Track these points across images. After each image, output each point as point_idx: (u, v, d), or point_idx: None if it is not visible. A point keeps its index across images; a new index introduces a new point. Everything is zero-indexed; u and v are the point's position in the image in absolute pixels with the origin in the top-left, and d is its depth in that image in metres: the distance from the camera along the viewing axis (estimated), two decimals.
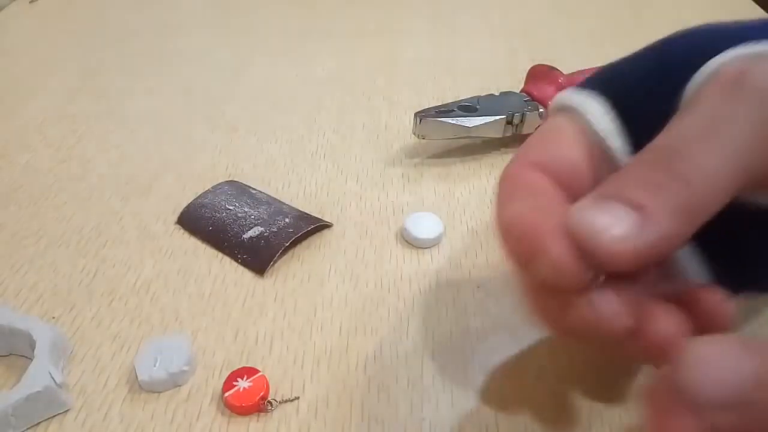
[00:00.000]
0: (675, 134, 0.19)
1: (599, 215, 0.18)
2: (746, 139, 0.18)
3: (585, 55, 0.55)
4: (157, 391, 0.28)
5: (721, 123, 0.18)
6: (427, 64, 0.56)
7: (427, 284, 0.33)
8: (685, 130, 0.19)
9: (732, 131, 0.18)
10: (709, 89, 0.20)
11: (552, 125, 0.23)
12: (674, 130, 0.19)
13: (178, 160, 0.43)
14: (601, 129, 0.22)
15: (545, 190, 0.21)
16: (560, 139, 0.22)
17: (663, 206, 0.17)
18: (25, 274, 0.34)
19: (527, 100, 0.43)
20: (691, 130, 0.19)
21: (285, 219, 0.36)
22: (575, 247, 0.18)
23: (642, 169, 0.18)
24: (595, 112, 0.22)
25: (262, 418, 0.27)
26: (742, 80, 0.19)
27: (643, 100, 0.21)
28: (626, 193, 0.18)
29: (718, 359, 0.16)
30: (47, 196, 0.40)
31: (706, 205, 0.18)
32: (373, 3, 0.69)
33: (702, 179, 0.17)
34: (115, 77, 0.55)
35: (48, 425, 0.26)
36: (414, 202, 0.39)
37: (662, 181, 0.18)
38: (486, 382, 0.28)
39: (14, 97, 0.51)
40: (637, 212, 0.17)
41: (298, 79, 0.54)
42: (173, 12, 0.69)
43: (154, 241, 0.36)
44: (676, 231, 0.17)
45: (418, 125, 0.41)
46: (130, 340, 0.30)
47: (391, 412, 0.27)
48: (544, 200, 0.21)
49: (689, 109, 0.19)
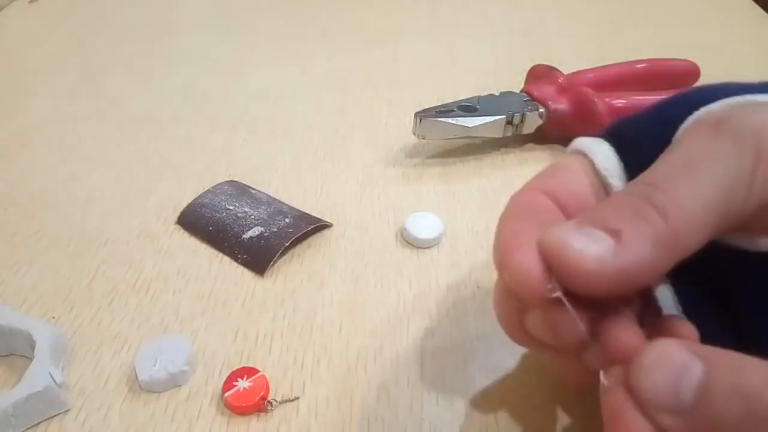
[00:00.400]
0: (657, 170, 0.20)
1: (575, 236, 0.18)
2: (723, 176, 0.18)
3: (585, 55, 0.55)
4: (157, 391, 0.28)
5: (700, 161, 0.19)
6: (427, 64, 0.56)
7: (427, 284, 0.33)
8: (667, 166, 0.20)
9: (710, 169, 0.19)
10: (692, 131, 0.21)
11: (561, 163, 0.24)
12: (657, 167, 0.20)
13: (178, 160, 0.43)
14: (603, 168, 0.23)
15: (546, 209, 0.22)
16: (567, 173, 0.24)
17: (639, 234, 0.18)
18: (25, 274, 0.34)
19: (527, 100, 0.43)
20: (672, 167, 0.19)
21: (285, 219, 0.36)
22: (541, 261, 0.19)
23: (623, 200, 0.19)
24: (599, 154, 0.23)
25: (262, 418, 0.27)
26: (723, 123, 0.20)
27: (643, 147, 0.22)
28: (605, 220, 0.18)
29: (668, 364, 0.16)
30: (47, 196, 0.40)
31: (683, 238, 0.18)
32: (373, 3, 0.69)
33: (679, 213, 0.18)
34: (115, 77, 0.55)
35: (48, 425, 0.26)
36: (414, 202, 0.39)
37: (640, 211, 0.18)
38: (486, 382, 0.28)
39: (14, 97, 0.51)
40: (613, 237, 0.18)
41: (298, 79, 0.54)
42: (173, 12, 0.69)
43: (154, 241, 0.36)
44: (650, 260, 0.18)
45: (418, 125, 0.41)
46: (130, 340, 0.30)
47: (391, 412, 0.27)
48: (541, 217, 0.22)
49: (672, 148, 0.20)
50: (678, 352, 0.17)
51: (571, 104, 0.42)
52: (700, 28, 0.62)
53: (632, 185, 0.20)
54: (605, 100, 0.41)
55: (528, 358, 0.29)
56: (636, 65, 0.48)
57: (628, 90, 0.45)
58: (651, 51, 0.52)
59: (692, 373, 0.16)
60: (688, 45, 0.57)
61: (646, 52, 0.51)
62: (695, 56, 0.49)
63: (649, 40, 0.60)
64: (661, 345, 0.17)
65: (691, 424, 0.16)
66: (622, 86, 0.46)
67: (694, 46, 0.56)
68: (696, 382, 0.16)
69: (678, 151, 0.20)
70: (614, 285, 0.17)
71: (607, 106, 0.41)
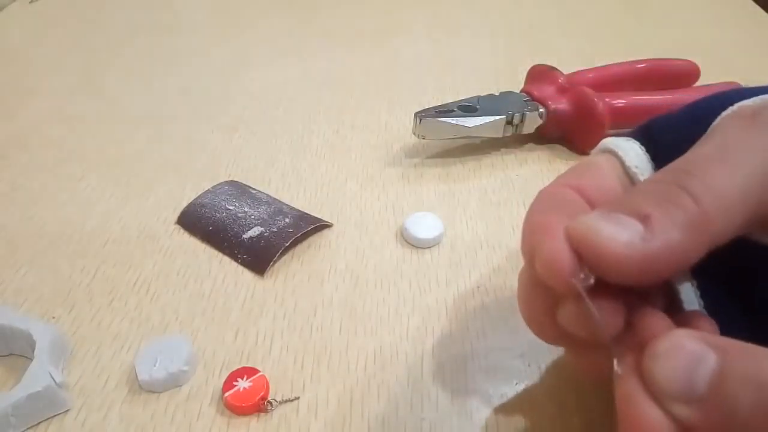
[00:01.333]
0: (689, 158, 0.19)
1: (605, 223, 0.18)
2: (757, 166, 0.18)
3: (585, 55, 0.55)
4: (157, 391, 0.28)
5: (734, 149, 0.19)
6: (427, 64, 0.56)
7: (427, 284, 0.33)
8: (700, 154, 0.19)
9: (744, 158, 0.18)
10: (727, 122, 0.20)
11: (590, 161, 0.24)
12: (689, 155, 0.20)
13: (178, 160, 0.43)
14: (633, 166, 0.23)
15: (574, 202, 0.22)
16: (596, 171, 0.23)
17: (670, 218, 0.17)
18: (25, 274, 0.34)
19: (527, 100, 0.43)
20: (705, 154, 0.19)
21: (285, 219, 0.36)
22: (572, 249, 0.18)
23: (653, 186, 0.19)
24: (629, 152, 0.23)
25: (262, 418, 0.27)
26: (759, 114, 0.19)
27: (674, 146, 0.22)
28: (635, 205, 0.18)
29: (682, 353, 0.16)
30: (47, 196, 0.40)
31: (715, 225, 0.18)
32: (373, 3, 0.69)
33: (711, 198, 0.18)
34: (115, 77, 0.55)
35: (48, 425, 0.26)
36: (414, 202, 0.39)
37: (671, 195, 0.18)
38: (486, 382, 0.28)
39: (14, 97, 0.51)
40: (642, 223, 0.17)
41: (297, 79, 0.54)
42: (173, 12, 0.69)
43: (154, 241, 0.36)
44: (681, 246, 0.17)
45: (418, 125, 0.41)
46: (130, 340, 0.30)
47: (391, 411, 0.27)
48: (569, 208, 0.21)
49: (706, 138, 0.20)
50: (692, 342, 0.17)
51: (571, 104, 0.42)
52: (700, 28, 0.62)
53: (663, 172, 0.19)
54: (605, 100, 0.41)
55: (528, 357, 0.29)
56: (636, 65, 0.48)
57: (628, 90, 0.45)
58: (651, 51, 0.52)
59: (706, 362, 0.16)
60: (688, 45, 0.57)
61: (646, 52, 0.51)
62: (695, 56, 0.49)
63: (649, 40, 0.60)
64: (675, 335, 0.17)
65: (704, 413, 0.16)
66: (622, 86, 0.46)
67: (694, 46, 0.56)
68: (710, 371, 0.16)
69: (712, 140, 0.20)
70: (644, 271, 0.17)
71: (607, 106, 0.41)
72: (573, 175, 0.24)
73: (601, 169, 0.23)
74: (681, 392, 0.16)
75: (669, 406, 0.16)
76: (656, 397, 0.16)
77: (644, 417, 0.16)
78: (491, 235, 0.36)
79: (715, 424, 0.16)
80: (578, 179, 0.23)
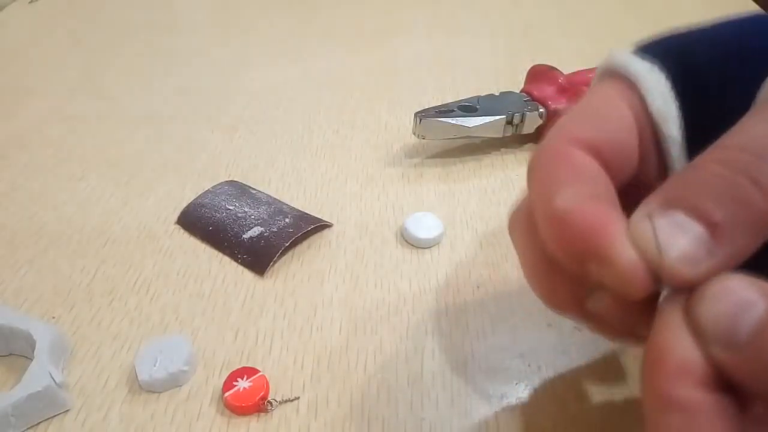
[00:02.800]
0: (753, 137, 0.16)
1: (666, 228, 0.16)
2: None
3: (585, 55, 0.55)
4: (157, 391, 0.28)
5: None
6: (427, 64, 0.56)
7: (427, 284, 0.33)
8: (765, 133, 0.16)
9: None
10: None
11: (601, 94, 0.21)
12: (751, 131, 0.16)
13: (178, 160, 0.43)
14: (657, 110, 0.19)
15: (598, 176, 0.19)
16: (609, 114, 0.20)
17: (739, 223, 0.16)
18: (25, 274, 0.34)
19: (527, 100, 0.43)
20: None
21: (285, 219, 0.36)
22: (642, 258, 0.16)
23: (714, 175, 0.16)
24: (655, 90, 0.19)
25: (262, 418, 0.27)
26: None
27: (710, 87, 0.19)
28: (696, 201, 0.16)
29: (731, 298, 0.15)
30: (47, 196, 0.40)
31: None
32: (373, 3, 0.69)
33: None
34: (115, 77, 0.55)
35: (48, 425, 0.26)
36: (414, 202, 0.39)
37: (740, 192, 0.16)
38: (486, 382, 0.28)
39: (14, 97, 0.51)
40: (709, 230, 0.16)
41: (298, 79, 0.54)
42: (173, 12, 0.69)
43: (154, 241, 0.36)
44: (746, 250, 0.16)
45: (418, 125, 0.41)
46: (130, 340, 0.30)
47: (391, 411, 0.27)
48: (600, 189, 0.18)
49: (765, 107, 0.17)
50: (744, 288, 0.15)
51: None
52: None
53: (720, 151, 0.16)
54: None
55: (528, 357, 0.29)
56: None
57: None
58: None
59: (754, 310, 0.15)
60: None
61: None
62: None
63: None
64: (729, 279, 0.16)
65: (741, 358, 0.15)
66: None
67: None
68: (756, 319, 0.15)
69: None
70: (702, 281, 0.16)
71: None
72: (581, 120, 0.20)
73: (616, 112, 0.20)
74: (722, 335, 0.15)
75: (707, 347, 0.15)
76: (696, 335, 0.15)
77: (677, 347, 0.15)
78: (491, 235, 0.36)
79: (749, 371, 0.15)
80: (588, 129, 0.19)
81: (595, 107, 0.20)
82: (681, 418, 0.15)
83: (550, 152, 0.19)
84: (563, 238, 0.18)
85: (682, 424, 0.15)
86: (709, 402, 0.15)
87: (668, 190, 0.17)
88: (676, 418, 0.15)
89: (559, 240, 0.18)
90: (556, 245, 0.18)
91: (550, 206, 0.18)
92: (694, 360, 0.15)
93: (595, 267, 0.17)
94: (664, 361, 0.16)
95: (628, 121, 0.20)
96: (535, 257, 0.21)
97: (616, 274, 0.17)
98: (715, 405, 0.15)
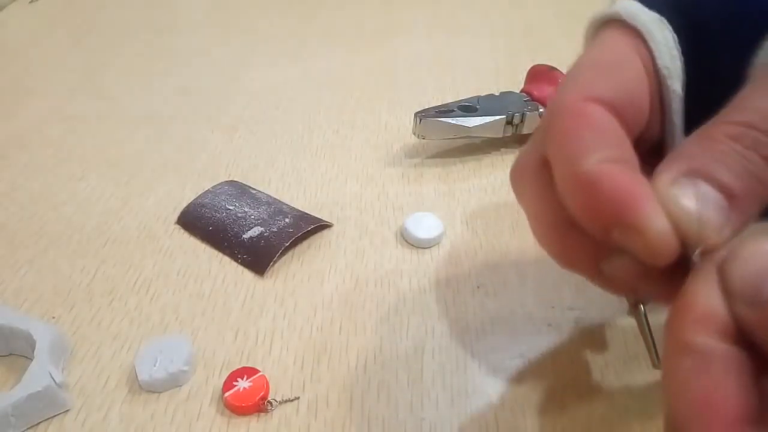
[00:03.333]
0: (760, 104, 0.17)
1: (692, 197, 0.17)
2: None
3: None
4: (157, 391, 0.28)
5: None
6: (427, 64, 0.56)
7: (427, 284, 0.33)
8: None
9: None
10: None
11: (612, 46, 0.21)
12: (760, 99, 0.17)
13: (178, 160, 0.43)
14: (664, 66, 0.19)
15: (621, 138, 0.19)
16: (624, 69, 0.20)
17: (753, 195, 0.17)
18: (25, 274, 0.34)
19: (527, 100, 0.43)
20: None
21: (285, 219, 0.36)
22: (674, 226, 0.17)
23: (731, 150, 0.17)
24: (662, 45, 0.20)
25: (262, 418, 0.27)
26: None
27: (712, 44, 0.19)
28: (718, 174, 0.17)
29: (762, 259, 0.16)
30: (47, 196, 0.40)
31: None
32: (373, 3, 0.69)
33: None
34: (115, 77, 0.55)
35: (48, 425, 0.26)
36: (414, 202, 0.39)
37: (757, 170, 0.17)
38: (486, 382, 0.28)
39: (14, 97, 0.51)
40: (729, 201, 0.17)
41: (298, 79, 0.54)
42: (173, 12, 0.69)
43: (154, 241, 0.36)
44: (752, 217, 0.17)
45: (418, 125, 0.41)
46: (130, 340, 0.30)
47: (391, 411, 0.27)
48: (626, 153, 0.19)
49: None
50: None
51: None
52: None
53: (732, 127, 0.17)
54: None
55: (528, 357, 0.29)
56: None
57: None
58: None
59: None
60: None
61: None
62: None
63: None
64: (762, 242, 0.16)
65: (762, 316, 0.15)
66: None
67: None
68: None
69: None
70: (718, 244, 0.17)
71: None
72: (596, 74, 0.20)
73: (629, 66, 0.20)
74: (748, 293, 0.16)
75: (732, 303, 0.16)
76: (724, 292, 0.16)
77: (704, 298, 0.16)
78: (491, 235, 0.36)
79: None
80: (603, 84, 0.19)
81: (610, 60, 0.20)
82: (694, 360, 0.15)
83: (571, 110, 0.19)
84: (591, 205, 0.18)
85: (694, 366, 0.15)
86: (723, 351, 0.15)
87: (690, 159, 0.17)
88: (690, 360, 0.15)
89: (586, 206, 0.18)
90: (583, 211, 0.18)
91: (577, 170, 0.18)
92: (718, 312, 0.16)
93: (621, 233, 0.17)
94: (689, 309, 0.16)
95: (641, 77, 0.20)
96: (549, 215, 0.21)
97: (646, 243, 0.17)
98: (729, 356, 0.15)
